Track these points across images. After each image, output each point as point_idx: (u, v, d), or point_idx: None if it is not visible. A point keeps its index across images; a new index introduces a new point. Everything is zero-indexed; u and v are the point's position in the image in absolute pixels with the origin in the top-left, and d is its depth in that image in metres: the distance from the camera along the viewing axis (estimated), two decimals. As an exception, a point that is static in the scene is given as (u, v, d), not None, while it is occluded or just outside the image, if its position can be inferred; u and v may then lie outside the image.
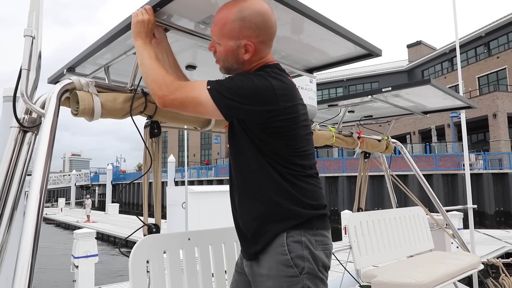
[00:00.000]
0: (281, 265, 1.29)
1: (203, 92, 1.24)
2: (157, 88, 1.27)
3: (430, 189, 3.85)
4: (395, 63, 40.56)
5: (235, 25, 1.30)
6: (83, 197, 38.83)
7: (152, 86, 1.29)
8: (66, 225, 25.23)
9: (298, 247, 1.30)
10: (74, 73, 1.97)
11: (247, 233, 1.38)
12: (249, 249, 1.39)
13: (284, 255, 1.29)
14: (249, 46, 1.32)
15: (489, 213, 19.01)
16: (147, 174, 1.71)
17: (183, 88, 1.27)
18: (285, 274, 1.28)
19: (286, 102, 1.29)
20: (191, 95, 1.26)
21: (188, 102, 1.26)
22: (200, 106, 1.26)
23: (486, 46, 29.84)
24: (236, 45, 1.33)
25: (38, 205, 1.12)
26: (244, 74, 1.29)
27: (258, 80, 1.26)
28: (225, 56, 1.36)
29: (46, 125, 1.26)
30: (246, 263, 1.43)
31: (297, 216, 1.32)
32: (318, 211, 1.36)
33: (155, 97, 1.28)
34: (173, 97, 1.26)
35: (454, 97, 3.02)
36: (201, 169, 35.38)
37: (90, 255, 6.99)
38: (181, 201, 8.59)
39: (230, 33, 1.31)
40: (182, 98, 1.26)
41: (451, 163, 20.84)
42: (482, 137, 27.63)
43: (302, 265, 1.29)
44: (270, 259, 1.32)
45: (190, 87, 1.27)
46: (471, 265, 2.91)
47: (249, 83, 1.24)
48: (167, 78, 1.28)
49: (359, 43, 1.82)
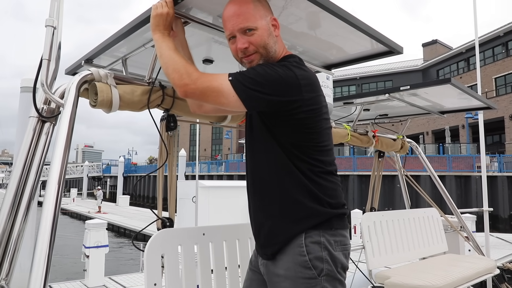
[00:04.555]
0: (299, 266, 1.26)
1: (224, 82, 1.22)
2: (178, 78, 1.25)
3: (445, 190, 3.78)
4: (409, 62, 39.98)
5: (257, 5, 1.32)
6: (95, 188, 39.36)
7: (173, 75, 1.26)
8: (78, 215, 25.63)
9: (317, 248, 1.27)
10: (91, 64, 1.97)
11: (264, 232, 1.36)
12: (266, 248, 1.36)
13: (302, 256, 1.26)
14: (275, 21, 1.35)
15: (503, 216, 18.68)
16: (162, 167, 1.71)
17: (205, 78, 1.24)
18: (302, 276, 1.25)
19: (309, 92, 1.26)
20: (212, 84, 1.23)
21: (210, 91, 1.23)
22: (221, 96, 1.23)
23: (504, 46, 29.15)
24: (267, 23, 1.33)
25: (56, 195, 1.13)
26: (267, 64, 1.28)
27: (282, 70, 1.24)
28: (266, 38, 1.33)
29: (65, 115, 1.26)
30: (262, 262, 1.40)
31: (317, 215, 1.29)
32: (337, 210, 1.33)
33: (177, 86, 1.26)
34: (194, 86, 1.23)
35: (474, 97, 2.95)
36: (212, 164, 35.52)
37: (100, 246, 7.10)
38: (191, 195, 8.63)
39: (258, 13, 1.31)
40: (204, 88, 1.23)
41: (464, 164, 20.50)
42: (498, 139, 27.10)
43: (321, 266, 1.26)
44: (288, 259, 1.29)
45: (212, 77, 1.25)
46: (486, 269, 2.86)
47: (272, 73, 1.22)
48: (188, 68, 1.26)
49: (380, 39, 1.78)
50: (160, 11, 1.37)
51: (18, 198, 1.33)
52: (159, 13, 1.37)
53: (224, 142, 47.74)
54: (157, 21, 1.37)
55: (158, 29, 1.37)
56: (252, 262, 1.53)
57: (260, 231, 1.38)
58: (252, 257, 1.53)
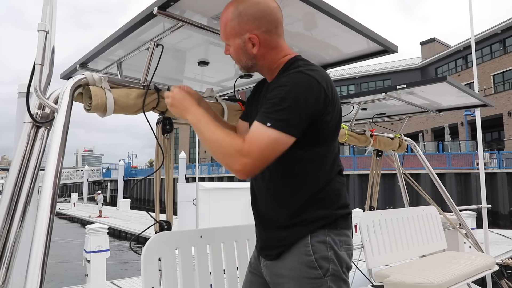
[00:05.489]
0: (304, 266, 1.24)
1: (269, 132, 1.14)
2: (232, 161, 1.16)
3: (443, 188, 3.78)
4: (407, 61, 40.02)
5: (234, 22, 1.28)
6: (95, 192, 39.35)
7: (225, 161, 1.18)
8: (79, 220, 25.61)
9: (322, 248, 1.25)
10: (86, 68, 1.97)
11: (270, 235, 1.34)
12: (270, 250, 1.34)
13: (308, 255, 1.25)
14: (254, 39, 1.28)
15: (503, 213, 18.69)
16: (159, 170, 1.70)
17: (253, 144, 1.15)
18: (308, 276, 1.24)
19: (331, 90, 1.24)
20: (264, 144, 1.14)
21: (267, 152, 1.15)
22: (278, 145, 1.15)
23: (502, 43, 29.19)
24: (241, 41, 1.30)
25: (51, 200, 1.13)
26: (284, 83, 1.20)
27: (300, 81, 1.18)
28: (236, 55, 1.34)
29: (59, 120, 1.26)
30: (264, 263, 1.38)
31: (324, 217, 1.28)
32: (342, 211, 1.33)
33: (235, 171, 1.17)
34: (251, 160, 1.14)
35: (470, 95, 2.95)
36: (212, 166, 35.50)
37: (101, 250, 7.08)
38: (192, 197, 8.62)
39: (232, 31, 1.29)
40: (260, 154, 1.14)
41: (464, 162, 20.53)
42: (497, 135, 27.13)
43: (327, 266, 1.24)
44: (293, 259, 1.27)
45: (257, 137, 1.16)
46: (485, 266, 2.85)
47: (293, 90, 1.16)
48: (234, 144, 1.16)
49: (375, 38, 1.79)
50: (180, 95, 1.30)
51: (13, 203, 1.33)
52: (181, 98, 1.30)
53: (223, 144, 47.62)
54: (184, 105, 1.30)
55: (187, 111, 1.29)
56: (251, 264, 1.51)
57: (266, 234, 1.36)
58: (252, 259, 1.52)
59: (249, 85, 2.40)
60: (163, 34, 1.54)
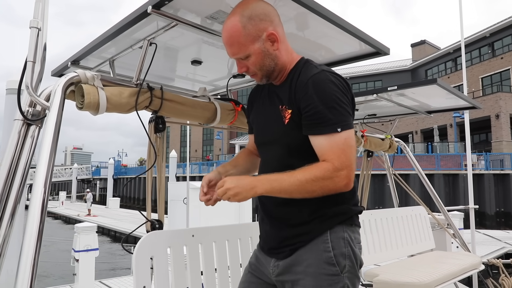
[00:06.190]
0: (322, 263, 1.23)
1: (343, 136, 1.19)
2: (336, 183, 1.18)
3: (432, 188, 3.84)
4: (398, 62, 40.41)
5: (248, 28, 1.25)
6: (84, 190, 38.94)
7: (330, 188, 1.19)
8: (67, 219, 25.33)
9: (341, 244, 1.25)
10: (78, 66, 1.95)
11: (285, 232, 1.31)
12: (284, 248, 1.31)
13: (327, 252, 1.24)
14: (272, 35, 1.27)
15: (490, 213, 18.99)
16: (151, 169, 1.70)
17: (340, 154, 1.18)
18: (326, 272, 1.22)
19: (350, 87, 1.30)
20: (347, 148, 1.19)
21: (352, 153, 1.20)
22: (352, 142, 1.21)
23: (490, 46, 29.68)
24: (261, 43, 1.27)
25: (42, 199, 1.12)
26: (322, 85, 1.23)
27: (336, 80, 1.24)
28: (261, 61, 1.30)
29: (51, 118, 1.25)
30: (276, 263, 1.34)
31: (343, 213, 1.29)
32: (357, 208, 1.34)
33: (343, 188, 1.20)
34: (347, 168, 1.18)
35: (459, 97, 2.99)
36: (203, 165, 35.41)
37: (90, 249, 7.02)
38: (183, 196, 8.59)
39: (249, 38, 1.25)
40: (349, 158, 1.19)
41: (452, 163, 20.82)
42: (484, 137, 27.56)
43: (344, 263, 1.24)
44: (310, 255, 1.25)
45: (340, 147, 1.19)
46: (472, 265, 2.90)
47: (337, 90, 1.23)
48: (324, 170, 1.17)
49: (367, 41, 1.80)
50: (234, 182, 1.20)
51: (3, 202, 1.31)
52: (237, 182, 1.20)
53: (215, 143, 47.64)
54: (246, 186, 1.20)
55: (254, 188, 1.19)
56: (252, 265, 1.47)
57: (279, 234, 1.33)
58: (253, 260, 1.48)
59: (242, 85, 2.40)
60: (156, 33, 1.53)
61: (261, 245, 1.45)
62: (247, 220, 10.17)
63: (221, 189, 1.19)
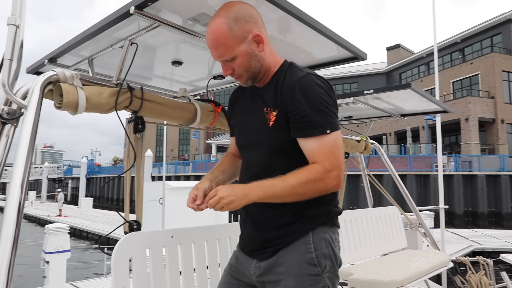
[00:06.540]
0: (304, 263, 1.25)
1: (332, 138, 1.23)
2: (327, 183, 1.21)
3: (405, 189, 3.95)
4: (374, 65, 41.29)
5: (234, 30, 1.24)
6: (55, 190, 37.74)
7: (322, 189, 1.21)
8: (36, 219, 24.47)
9: (323, 245, 1.27)
10: (55, 64, 1.91)
11: (267, 234, 1.32)
12: (265, 249, 1.32)
13: (309, 252, 1.25)
14: (257, 37, 1.28)
15: (458, 213, 19.71)
16: (130, 170, 1.69)
17: (329, 155, 1.22)
18: (307, 273, 1.24)
19: (333, 89, 1.34)
20: (336, 150, 1.23)
21: (340, 154, 1.24)
22: (340, 143, 1.25)
23: (461, 52, 30.82)
24: (247, 45, 1.27)
25: (19, 200, 1.10)
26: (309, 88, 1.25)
27: (322, 83, 1.27)
28: (247, 63, 1.29)
29: (29, 117, 1.23)
30: (257, 264, 1.35)
31: (324, 213, 1.31)
32: (338, 209, 1.37)
33: (334, 188, 1.23)
34: (337, 169, 1.21)
35: (432, 101, 3.11)
36: (179, 165, 35.04)
37: (62, 251, 6.82)
38: (158, 196, 8.50)
39: (235, 39, 1.25)
40: (338, 159, 1.22)
41: (424, 164, 21.47)
42: (454, 139, 28.55)
43: (325, 263, 1.26)
44: (292, 256, 1.26)
45: (329, 148, 1.22)
46: (441, 263, 3.02)
47: (324, 92, 1.26)
48: (315, 171, 1.20)
49: (346, 46, 1.85)
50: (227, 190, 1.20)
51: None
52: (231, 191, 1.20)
53: (191, 142, 47.23)
54: (240, 194, 1.20)
55: (247, 195, 1.20)
56: (232, 266, 1.47)
57: (261, 236, 1.34)
58: (233, 262, 1.47)
59: (222, 86, 2.41)
60: (138, 33, 1.52)
61: (242, 246, 1.45)
62: (224, 220, 10.15)
63: (214, 198, 1.19)
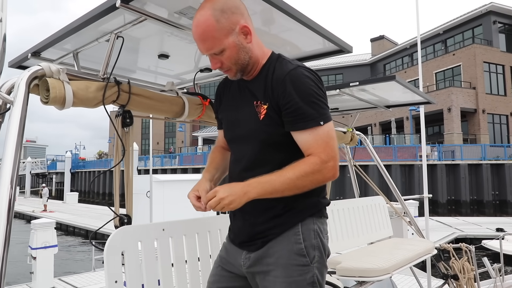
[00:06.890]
0: (293, 254, 1.26)
1: (325, 129, 1.25)
2: (324, 174, 1.22)
3: (390, 179, 4.03)
4: (359, 56, 41.54)
5: (222, 21, 1.22)
6: (39, 185, 37.10)
7: (320, 180, 1.23)
8: (21, 215, 24.08)
9: (311, 235, 1.29)
10: (39, 57, 1.88)
11: (257, 226, 1.33)
12: (256, 240, 1.33)
13: (298, 244, 1.27)
14: (245, 28, 1.26)
15: (442, 201, 20.20)
16: (119, 164, 1.69)
17: (325, 147, 1.23)
18: (296, 263, 1.26)
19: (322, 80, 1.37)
20: (330, 141, 1.25)
21: (335, 144, 1.26)
22: (334, 133, 1.28)
23: (443, 43, 31.27)
24: (235, 36, 1.25)
25: (9, 197, 1.09)
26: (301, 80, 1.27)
27: (312, 76, 1.30)
28: (235, 55, 1.27)
29: (16, 113, 1.21)
30: (247, 256, 1.36)
31: (313, 205, 1.34)
32: (326, 200, 1.40)
33: (330, 178, 1.25)
34: (333, 159, 1.23)
35: (415, 93, 3.17)
36: (165, 158, 34.82)
37: (49, 246, 6.77)
38: (145, 190, 8.46)
39: (223, 31, 1.23)
40: (334, 150, 1.24)
41: (408, 154, 21.86)
42: (437, 130, 29.11)
43: (313, 254, 1.28)
44: (281, 247, 1.28)
45: (324, 139, 1.24)
46: (426, 251, 3.11)
47: (314, 85, 1.28)
48: (312, 163, 1.22)
49: (331, 39, 1.87)
50: (227, 190, 1.20)
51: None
52: (230, 190, 1.20)
53: (177, 135, 46.93)
54: (239, 192, 1.20)
55: (247, 193, 1.20)
56: (222, 259, 1.47)
57: (251, 229, 1.35)
58: (223, 254, 1.48)
59: (208, 79, 2.41)
60: (124, 26, 1.51)
61: (232, 238, 1.47)
62: (212, 213, 10.17)
63: (214, 200, 1.19)
